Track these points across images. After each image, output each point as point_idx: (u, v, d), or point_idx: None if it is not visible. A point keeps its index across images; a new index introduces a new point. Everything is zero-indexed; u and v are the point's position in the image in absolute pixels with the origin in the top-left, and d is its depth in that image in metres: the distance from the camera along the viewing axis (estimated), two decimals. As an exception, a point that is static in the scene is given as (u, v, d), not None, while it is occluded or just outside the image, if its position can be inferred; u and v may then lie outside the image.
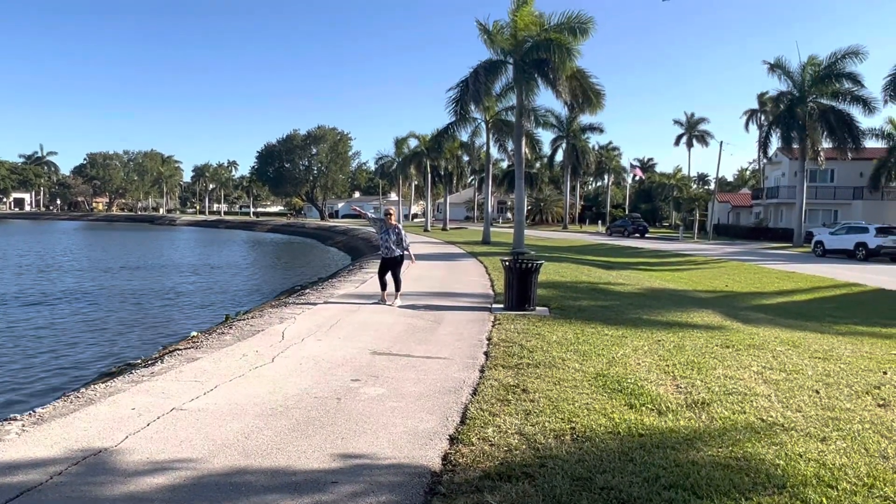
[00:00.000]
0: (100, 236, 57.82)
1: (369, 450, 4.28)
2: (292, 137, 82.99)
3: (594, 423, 4.75)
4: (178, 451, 4.21)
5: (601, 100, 24.62)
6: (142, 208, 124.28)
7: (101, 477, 3.78)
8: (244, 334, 8.31)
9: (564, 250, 29.71)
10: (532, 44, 23.53)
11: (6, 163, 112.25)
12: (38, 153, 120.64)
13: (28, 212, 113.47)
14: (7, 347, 11.42)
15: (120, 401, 5.30)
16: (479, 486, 3.65)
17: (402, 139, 52.86)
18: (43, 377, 9.47)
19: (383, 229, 11.13)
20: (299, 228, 67.63)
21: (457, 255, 24.39)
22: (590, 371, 6.38)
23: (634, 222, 52.29)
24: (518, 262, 10.37)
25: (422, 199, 71.96)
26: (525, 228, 26.43)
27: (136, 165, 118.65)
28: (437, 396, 5.54)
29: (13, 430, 4.64)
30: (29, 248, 39.28)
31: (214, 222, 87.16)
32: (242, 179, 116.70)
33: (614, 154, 78.19)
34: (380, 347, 7.53)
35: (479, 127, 37.55)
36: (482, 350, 7.45)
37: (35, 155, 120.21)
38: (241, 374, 6.16)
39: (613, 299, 12.62)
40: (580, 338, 8.11)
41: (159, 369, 6.46)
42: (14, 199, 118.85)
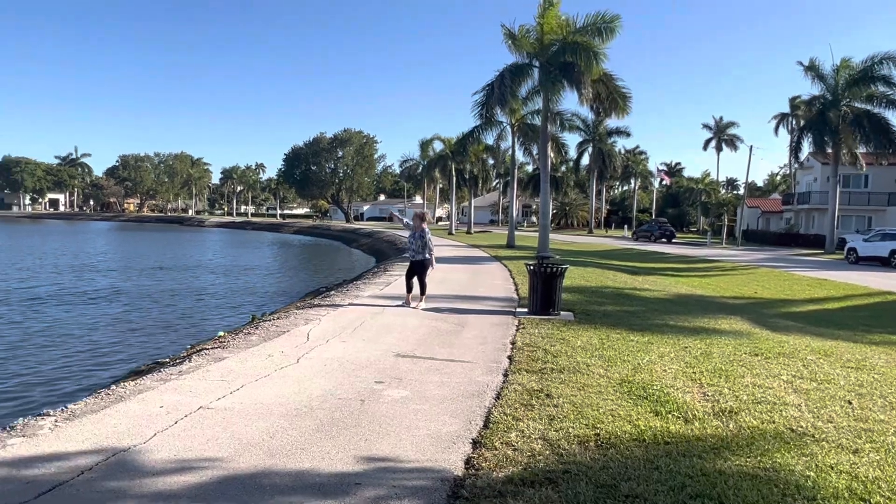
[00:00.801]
0: (131, 237, 58.97)
1: (393, 452, 4.29)
2: (319, 140, 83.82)
3: (619, 430, 4.70)
4: (205, 449, 4.26)
5: (628, 103, 24.41)
6: (171, 209, 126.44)
7: (130, 473, 3.85)
8: (270, 335, 8.40)
9: (589, 255, 29.48)
10: (558, 47, 23.44)
11: (42, 164, 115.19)
12: (72, 155, 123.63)
13: (62, 212, 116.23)
14: (41, 345, 11.70)
15: (149, 398, 5.39)
16: (502, 490, 3.64)
17: (427, 141, 53.03)
18: (74, 373, 9.68)
19: (412, 232, 11.22)
20: (325, 230, 68.21)
21: (481, 259, 24.37)
22: (615, 377, 6.31)
23: (661, 227, 51.73)
24: (543, 267, 10.31)
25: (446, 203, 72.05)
26: (550, 232, 26.30)
27: (166, 167, 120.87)
28: (461, 400, 5.53)
29: (46, 426, 4.75)
30: (65, 248, 40.23)
31: (242, 224, 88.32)
32: (269, 181, 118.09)
33: (641, 158, 77.52)
34: (404, 350, 7.55)
35: (504, 130, 37.47)
36: (506, 354, 7.42)
37: (70, 156, 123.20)
38: (267, 375, 6.23)
39: (639, 305, 12.49)
40: (605, 343, 8.04)
41: (187, 368, 6.56)
42: (49, 200, 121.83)
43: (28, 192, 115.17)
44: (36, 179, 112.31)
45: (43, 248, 39.48)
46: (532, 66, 24.84)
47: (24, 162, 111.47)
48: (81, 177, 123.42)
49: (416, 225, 11.14)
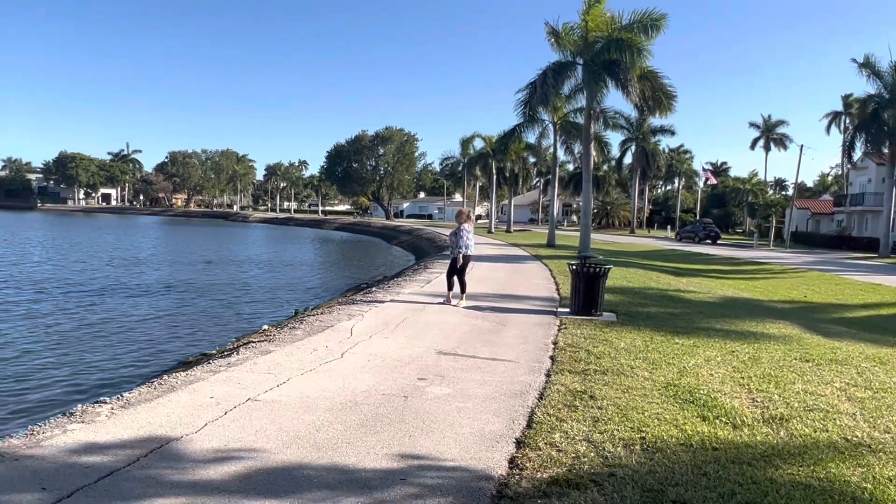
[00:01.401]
0: (179, 231, 60.61)
1: (436, 449, 4.31)
2: (361, 138, 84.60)
3: (665, 434, 4.63)
4: (254, 440, 4.37)
5: (673, 101, 23.99)
6: (217, 205, 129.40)
7: (182, 462, 3.97)
8: (314, 329, 8.54)
9: (631, 255, 29.05)
10: (602, 44, 23.16)
11: (95, 160, 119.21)
12: (124, 151, 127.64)
13: (114, 206, 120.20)
14: (96, 335, 12.14)
15: (199, 389, 5.54)
16: (546, 491, 3.63)
17: (468, 139, 53.00)
18: (127, 363, 10.01)
19: (455, 230, 11.25)
20: (365, 227, 68.86)
21: (521, 258, 24.25)
22: (660, 380, 6.22)
23: (706, 228, 50.64)
24: (585, 266, 10.21)
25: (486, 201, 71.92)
26: (591, 232, 26.02)
27: (212, 164, 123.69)
28: (503, 399, 5.53)
29: (103, 413, 4.93)
30: (117, 242, 41.63)
31: (284, 220, 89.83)
32: (312, 178, 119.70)
33: (686, 157, 75.96)
34: (445, 347, 7.58)
35: (546, 128, 37.20)
36: (548, 354, 7.38)
37: (122, 153, 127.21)
38: (312, 369, 6.34)
39: (684, 307, 12.26)
40: (649, 346, 7.92)
41: (235, 360, 6.72)
42: (102, 195, 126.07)
43: (82, 187, 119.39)
44: (90, 175, 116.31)
45: (97, 241, 40.92)
46: (575, 64, 24.61)
47: (78, 158, 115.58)
48: (132, 172, 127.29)
49: (458, 222, 11.17)
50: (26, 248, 33.33)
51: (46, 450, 4.09)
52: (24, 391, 8.37)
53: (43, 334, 11.92)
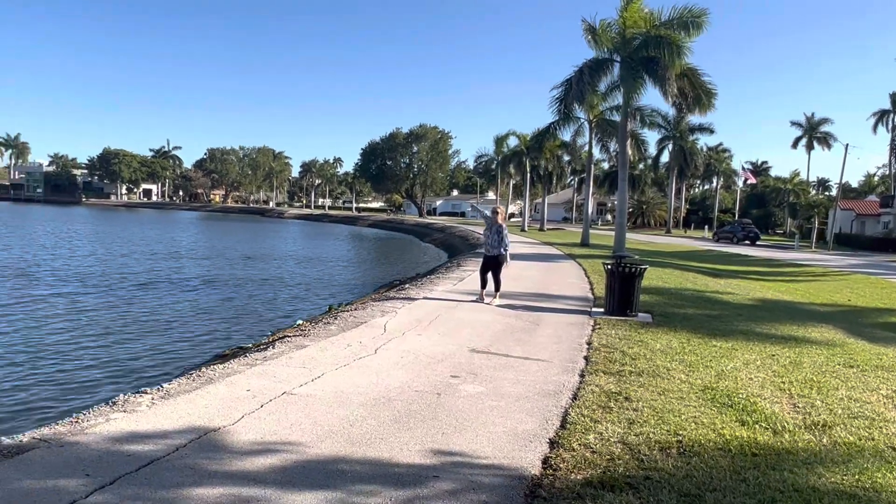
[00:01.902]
0: (217, 227, 61.78)
1: (469, 447, 4.31)
2: (395, 135, 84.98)
3: (702, 438, 4.54)
4: (289, 433, 4.42)
5: (713, 99, 23.49)
6: (254, 201, 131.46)
7: (220, 453, 4.04)
8: (348, 325, 8.61)
9: (667, 255, 28.57)
10: (640, 41, 22.81)
11: (137, 156, 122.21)
12: (164, 148, 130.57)
13: (154, 202, 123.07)
14: (137, 327, 12.46)
15: (236, 382, 5.64)
16: (580, 493, 3.59)
17: (502, 137, 52.77)
18: (166, 353, 10.25)
19: (489, 227, 11.16)
20: (398, 224, 69.18)
21: (554, 257, 24.07)
22: (697, 383, 6.10)
23: (745, 228, 49.51)
24: (621, 266, 10.08)
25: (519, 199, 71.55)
26: (626, 231, 25.68)
27: (250, 160, 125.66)
28: (537, 399, 5.49)
29: (144, 403, 5.06)
30: (159, 236, 42.66)
31: (319, 216, 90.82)
32: (346, 175, 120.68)
33: (724, 156, 74.37)
34: (478, 345, 7.57)
35: (581, 126, 36.84)
36: (582, 354, 7.31)
37: (162, 149, 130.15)
38: (346, 364, 6.39)
39: (722, 309, 12.01)
40: (686, 347, 7.78)
41: (271, 354, 6.82)
42: (143, 190, 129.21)
43: (125, 183, 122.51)
44: (132, 170, 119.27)
45: (139, 236, 42.00)
46: (612, 61, 24.29)
47: (121, 154, 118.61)
48: (172, 168, 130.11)
49: (493, 220, 11.12)
50: (73, 241, 34.38)
51: (90, 437, 4.21)
52: (69, 379, 8.64)
53: (88, 325, 12.27)
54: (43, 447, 4.03)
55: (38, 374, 8.79)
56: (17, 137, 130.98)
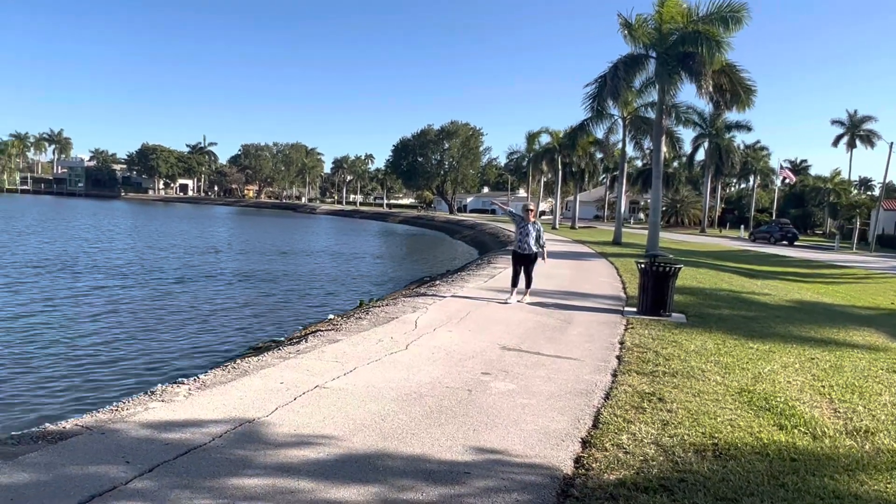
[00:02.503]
0: (251, 222, 62.73)
1: (500, 445, 4.30)
2: (426, 132, 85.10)
3: (739, 441, 4.45)
4: (322, 426, 4.47)
5: (752, 96, 22.96)
6: (286, 196, 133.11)
7: (255, 444, 4.10)
8: (379, 321, 8.66)
9: (702, 255, 28.07)
10: (678, 37, 22.42)
11: (174, 152, 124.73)
12: (201, 144, 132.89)
13: (190, 196, 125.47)
14: (174, 319, 12.72)
15: (270, 374, 5.72)
16: (613, 493, 3.55)
17: (534, 134, 52.41)
18: (202, 345, 10.44)
19: (522, 225, 11.01)
20: (429, 221, 69.26)
21: (586, 255, 23.85)
22: (733, 385, 5.98)
23: (782, 228, 48.29)
24: (654, 265, 9.94)
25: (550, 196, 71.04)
26: (659, 230, 25.32)
27: (283, 156, 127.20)
28: (568, 397, 5.45)
29: (181, 393, 5.16)
30: (195, 231, 43.52)
31: (350, 212, 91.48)
32: (377, 172, 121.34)
33: (762, 154, 72.64)
34: (509, 343, 7.54)
35: (615, 123, 36.36)
36: (614, 354, 7.23)
37: (198, 145, 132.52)
38: (378, 359, 6.43)
39: (758, 310, 11.75)
40: (721, 349, 7.63)
41: (304, 348, 6.90)
42: (180, 185, 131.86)
43: (162, 177, 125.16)
44: (169, 166, 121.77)
45: (177, 230, 42.89)
46: (648, 57, 23.92)
47: (159, 149, 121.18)
48: (208, 164, 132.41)
49: (525, 218, 11.01)
50: (114, 235, 35.28)
51: (129, 425, 4.31)
52: (108, 368, 8.86)
53: (127, 317, 12.58)
54: (85, 434, 4.14)
55: (79, 363, 9.04)
56: (60, 133, 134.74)
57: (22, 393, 7.65)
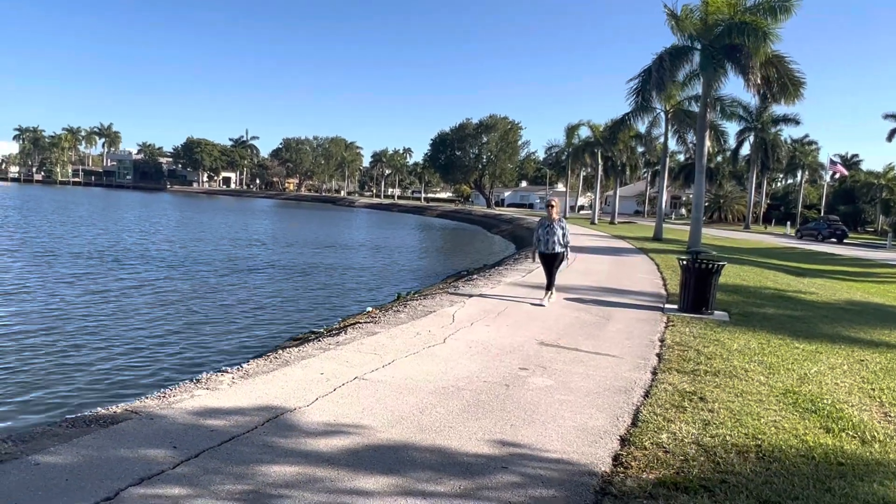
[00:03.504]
0: (292, 215, 63.72)
1: (537, 440, 4.29)
2: (464, 126, 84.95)
3: (783, 444, 4.35)
4: (360, 417, 4.53)
5: (800, 89, 22.22)
6: (326, 190, 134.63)
7: (295, 433, 4.19)
8: (417, 314, 8.72)
9: (746, 252, 27.40)
10: (723, 28, 21.85)
11: (218, 145, 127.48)
12: (243, 137, 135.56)
13: (232, 189, 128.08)
14: (219, 308, 13.04)
15: (310, 365, 5.82)
16: (652, 493, 3.51)
17: (574, 127, 51.88)
18: (244, 335, 10.68)
19: (542, 223, 10.33)
20: (466, 215, 69.23)
21: (625, 251, 23.53)
22: (777, 386, 5.84)
23: (831, 225, 46.73)
24: (696, 262, 9.75)
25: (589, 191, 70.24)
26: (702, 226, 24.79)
27: (323, 150, 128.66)
28: (607, 395, 5.40)
29: (225, 382, 5.30)
30: (239, 223, 44.45)
31: (388, 206, 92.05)
32: (416, 166, 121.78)
33: (810, 149, 70.32)
34: (547, 338, 7.51)
35: (657, 117, 35.71)
36: (654, 351, 7.13)
37: (241, 139, 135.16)
38: (415, 352, 6.48)
39: (805, 309, 11.42)
40: (765, 349, 7.45)
41: (343, 340, 7.00)
42: (223, 178, 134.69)
43: (206, 171, 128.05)
44: (213, 159, 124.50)
45: (222, 223, 43.87)
46: (693, 49, 23.40)
47: (203, 143, 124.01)
48: (250, 157, 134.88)
49: (548, 214, 10.30)
50: (162, 227, 36.29)
51: (176, 412, 4.45)
52: (155, 355, 9.14)
53: (173, 306, 12.94)
54: (134, 419, 4.29)
55: (127, 350, 9.35)
56: (109, 127, 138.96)
57: (75, 377, 7.96)
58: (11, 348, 9.01)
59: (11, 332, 9.88)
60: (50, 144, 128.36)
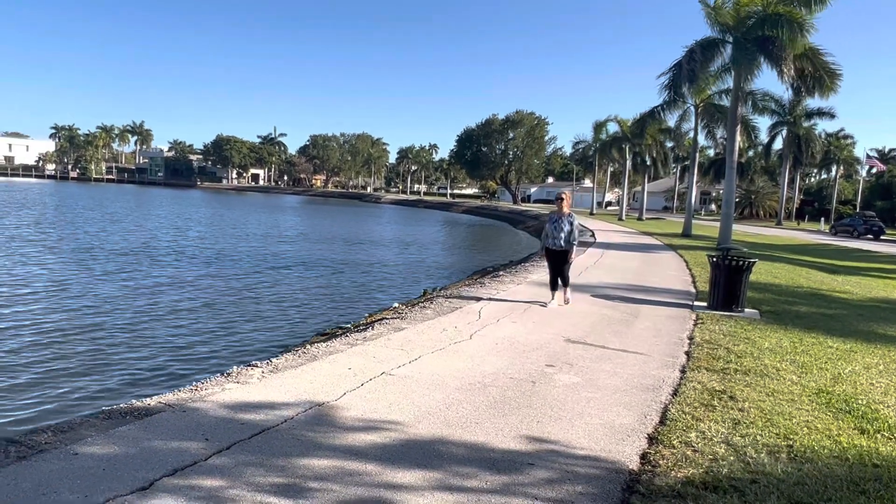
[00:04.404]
0: (319, 211, 64.29)
1: (564, 437, 4.28)
2: (491, 122, 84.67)
3: (816, 444, 4.28)
4: (388, 412, 4.57)
5: (836, 81, 21.73)
6: (353, 186, 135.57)
7: (324, 427, 4.24)
8: (443, 310, 8.74)
9: (777, 248, 26.88)
10: (756, 20, 21.42)
11: (247, 143, 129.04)
12: (271, 134, 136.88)
13: (261, 186, 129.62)
14: (247, 302, 13.24)
15: (338, 360, 5.89)
16: (681, 492, 3.49)
17: (601, 123, 51.39)
18: (272, 329, 10.82)
19: (551, 217, 9.64)
20: (492, 211, 69.06)
21: (653, 247, 23.26)
22: (810, 385, 5.74)
23: (867, 221, 45.55)
24: (727, 259, 9.60)
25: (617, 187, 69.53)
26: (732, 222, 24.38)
27: (349, 147, 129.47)
28: (635, 392, 5.37)
29: (255, 375, 5.39)
30: (271, 220, 45.03)
31: (414, 202, 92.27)
32: (442, 162, 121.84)
33: (846, 143, 68.62)
34: (573, 335, 7.47)
35: (687, 111, 35.22)
36: (683, 349, 7.05)
37: (269, 136, 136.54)
38: (442, 348, 6.51)
39: (839, 308, 11.18)
40: (798, 348, 7.32)
41: (370, 335, 7.06)
42: (251, 174, 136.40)
43: (235, 167, 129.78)
44: (241, 156, 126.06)
45: (253, 219, 44.48)
46: (724, 42, 22.99)
47: (233, 140, 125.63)
48: (278, 154, 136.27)
49: (558, 208, 9.56)
50: (194, 223, 36.92)
51: (208, 404, 4.54)
52: (186, 349, 9.32)
53: (204, 300, 13.17)
54: (168, 411, 4.39)
55: (160, 344, 9.55)
56: (141, 125, 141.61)
57: (111, 370, 8.16)
58: (51, 341, 9.27)
59: (50, 327, 10.17)
60: (85, 142, 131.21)
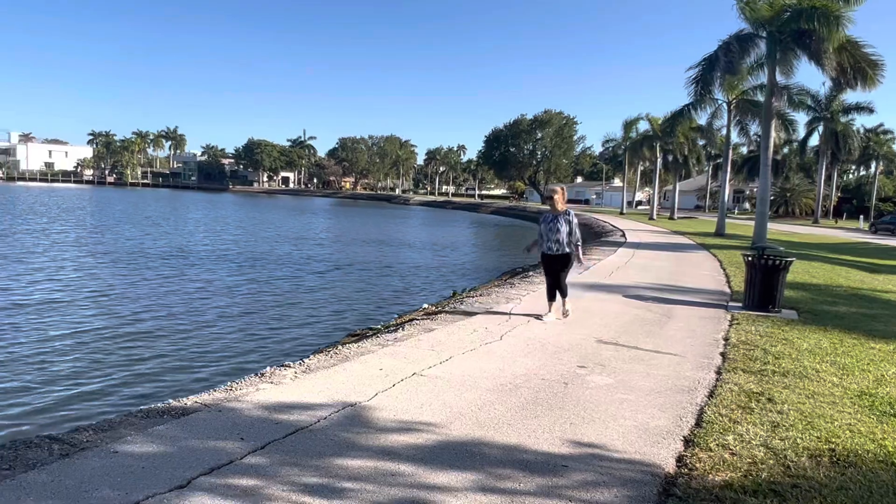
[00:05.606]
0: (349, 213, 64.84)
1: (598, 439, 4.24)
2: (519, 122, 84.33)
3: (860, 448, 4.15)
4: (420, 413, 4.58)
5: (878, 72, 21.08)
6: (381, 188, 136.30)
7: (357, 427, 4.27)
8: (473, 311, 8.72)
9: (814, 247, 26.23)
10: (791, 14, 20.95)
11: (277, 146, 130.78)
12: (301, 138, 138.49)
13: (291, 188, 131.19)
14: (279, 303, 13.41)
15: (369, 361, 5.92)
16: (719, 495, 3.42)
17: (632, 121, 50.78)
18: (304, 330, 10.95)
19: (546, 217, 8.23)
20: (520, 212, 68.81)
21: (686, 247, 22.91)
22: (852, 388, 5.58)
23: (909, 219, 44.17)
24: (762, 258, 9.40)
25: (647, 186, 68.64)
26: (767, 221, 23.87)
27: (378, 149, 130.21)
28: (669, 394, 5.28)
29: (288, 376, 5.44)
30: (302, 223, 45.58)
31: (442, 203, 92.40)
32: (469, 163, 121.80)
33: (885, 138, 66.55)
34: (605, 336, 7.40)
35: (719, 108, 34.59)
36: (718, 350, 6.92)
37: (299, 139, 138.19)
38: (473, 349, 6.49)
39: (881, 308, 10.86)
40: (838, 349, 7.13)
41: (401, 336, 7.08)
42: (282, 177, 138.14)
43: (265, 171, 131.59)
44: (272, 159, 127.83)
45: (284, 222, 45.08)
46: (758, 36, 22.53)
47: (263, 144, 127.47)
48: (308, 157, 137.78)
49: (553, 207, 8.11)
50: (228, 226, 37.55)
51: (243, 404, 4.61)
52: (222, 350, 9.48)
53: (237, 301, 13.39)
54: (204, 411, 4.46)
55: (195, 344, 9.73)
56: (175, 130, 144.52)
57: (147, 370, 8.34)
58: (91, 343, 9.51)
59: (91, 328, 10.43)
60: (121, 148, 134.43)
